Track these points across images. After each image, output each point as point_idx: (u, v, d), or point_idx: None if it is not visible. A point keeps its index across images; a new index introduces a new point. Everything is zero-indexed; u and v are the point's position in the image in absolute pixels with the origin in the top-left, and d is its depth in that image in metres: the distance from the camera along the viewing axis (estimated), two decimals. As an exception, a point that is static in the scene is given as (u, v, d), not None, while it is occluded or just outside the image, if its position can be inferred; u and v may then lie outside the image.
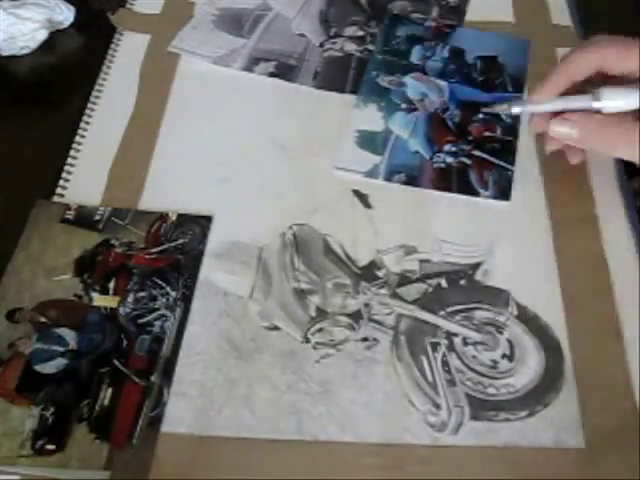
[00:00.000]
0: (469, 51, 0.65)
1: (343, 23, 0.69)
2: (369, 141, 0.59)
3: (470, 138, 0.58)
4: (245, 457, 0.43)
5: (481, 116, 0.60)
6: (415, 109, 0.61)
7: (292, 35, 0.67)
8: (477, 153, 0.57)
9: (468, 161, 0.57)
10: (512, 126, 0.59)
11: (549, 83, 0.50)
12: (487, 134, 0.59)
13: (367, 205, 0.55)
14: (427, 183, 0.56)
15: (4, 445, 0.43)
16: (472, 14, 0.70)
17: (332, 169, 0.57)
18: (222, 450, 0.43)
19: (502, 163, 0.57)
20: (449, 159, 0.57)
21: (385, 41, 0.67)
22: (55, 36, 0.67)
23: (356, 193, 0.55)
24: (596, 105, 0.48)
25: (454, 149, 0.58)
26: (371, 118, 0.60)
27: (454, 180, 0.56)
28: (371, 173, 0.56)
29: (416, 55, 0.65)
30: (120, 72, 0.64)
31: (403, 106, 0.61)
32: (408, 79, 0.63)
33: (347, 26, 0.68)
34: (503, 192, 0.55)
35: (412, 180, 0.56)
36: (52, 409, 0.44)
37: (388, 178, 0.56)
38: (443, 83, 0.62)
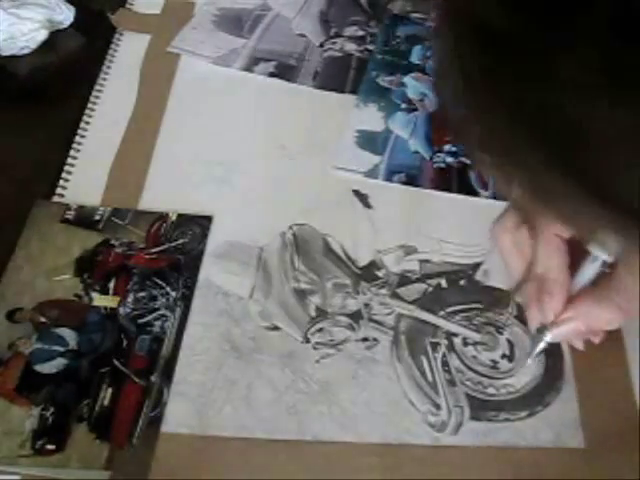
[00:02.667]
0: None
1: (343, 23, 0.69)
2: (369, 141, 0.59)
3: (470, 138, 0.58)
4: (245, 457, 0.43)
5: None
6: (415, 109, 0.61)
7: (292, 35, 0.67)
8: None
9: (468, 161, 0.57)
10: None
11: (553, 298, 0.40)
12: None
13: (367, 205, 0.55)
14: (427, 183, 0.56)
15: (4, 445, 0.43)
16: (472, 14, 0.70)
17: (332, 169, 0.57)
18: (222, 450, 0.43)
19: (502, 163, 0.57)
20: (449, 159, 0.57)
21: (385, 41, 0.67)
22: (55, 36, 0.67)
23: (356, 193, 0.55)
24: (601, 261, 0.39)
25: (454, 149, 0.58)
26: (371, 118, 0.60)
27: (454, 180, 0.56)
28: (371, 173, 0.56)
29: (416, 55, 0.65)
30: (120, 72, 0.64)
31: (403, 106, 0.61)
32: (408, 79, 0.63)
33: (347, 26, 0.68)
34: (503, 192, 0.55)
35: (412, 180, 0.56)
36: (52, 409, 0.44)
37: (388, 178, 0.56)
38: None
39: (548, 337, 0.42)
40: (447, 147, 0.58)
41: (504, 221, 0.42)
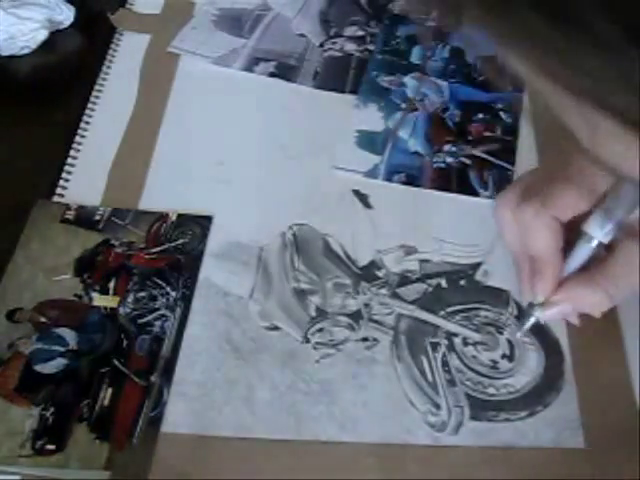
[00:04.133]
0: (469, 51, 0.65)
1: (343, 23, 0.69)
2: (369, 141, 0.59)
3: (470, 138, 0.58)
4: (245, 457, 0.43)
5: (481, 116, 0.60)
6: (415, 109, 0.61)
7: (292, 35, 0.67)
8: (477, 153, 0.57)
9: (468, 161, 0.57)
10: (512, 126, 0.59)
11: (542, 283, 0.42)
12: (487, 134, 0.59)
13: (367, 205, 0.55)
14: (427, 183, 0.56)
15: (4, 445, 0.43)
16: (472, 14, 0.70)
17: (332, 169, 0.57)
18: (222, 450, 0.43)
19: (502, 163, 0.57)
20: (449, 159, 0.57)
21: (385, 41, 0.66)
22: (55, 36, 0.67)
23: (356, 193, 0.55)
24: (596, 242, 0.39)
25: (454, 149, 0.58)
26: (371, 118, 0.60)
27: (454, 180, 0.56)
28: (371, 173, 0.56)
29: (416, 55, 0.65)
30: (120, 72, 0.64)
31: (403, 106, 0.61)
32: (408, 79, 0.63)
33: (347, 26, 0.68)
34: (503, 192, 0.55)
35: (412, 180, 0.56)
36: (52, 409, 0.44)
37: (388, 178, 0.56)
38: (443, 83, 0.62)
39: (535, 316, 0.43)
40: (447, 147, 0.58)
41: (506, 195, 0.43)
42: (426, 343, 0.47)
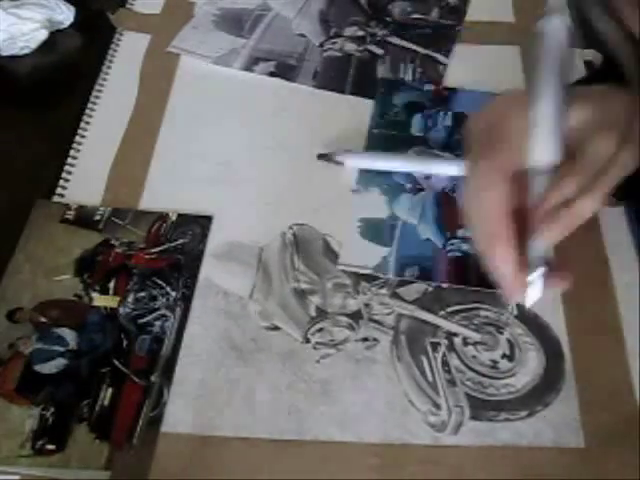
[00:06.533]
0: None
1: (343, 23, 0.69)
2: (374, 231, 0.52)
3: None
4: (245, 457, 0.43)
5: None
6: (421, 189, 0.54)
7: (292, 35, 0.67)
8: None
9: None
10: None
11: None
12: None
13: (367, 205, 0.54)
14: (442, 275, 0.50)
15: (4, 445, 0.43)
16: (472, 14, 0.70)
17: (337, 266, 0.51)
18: (222, 450, 0.43)
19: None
20: (465, 246, 0.51)
21: (381, 112, 0.60)
22: (55, 36, 0.67)
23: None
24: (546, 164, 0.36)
25: (468, 234, 0.51)
26: (374, 204, 0.54)
27: (472, 270, 0.50)
28: (379, 268, 0.50)
29: (417, 126, 0.59)
30: (120, 72, 0.64)
31: (408, 187, 0.54)
32: (411, 154, 0.57)
33: (347, 26, 0.68)
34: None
35: (426, 273, 0.50)
36: (52, 409, 0.44)
37: (400, 273, 0.50)
38: (449, 156, 0.56)
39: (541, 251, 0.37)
40: (460, 232, 0.52)
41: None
42: (426, 343, 0.47)
